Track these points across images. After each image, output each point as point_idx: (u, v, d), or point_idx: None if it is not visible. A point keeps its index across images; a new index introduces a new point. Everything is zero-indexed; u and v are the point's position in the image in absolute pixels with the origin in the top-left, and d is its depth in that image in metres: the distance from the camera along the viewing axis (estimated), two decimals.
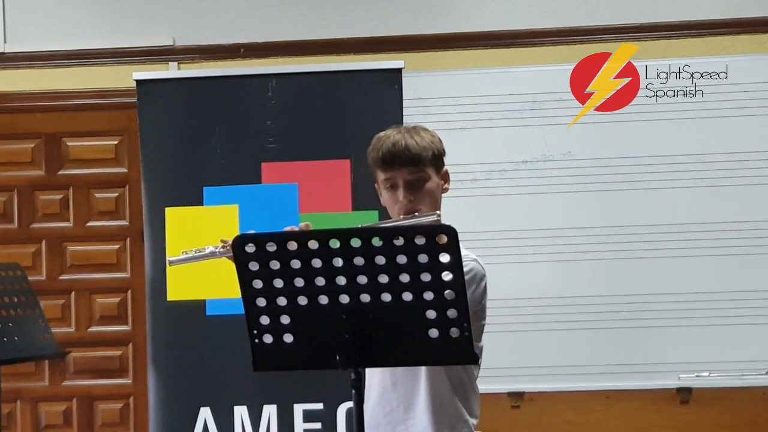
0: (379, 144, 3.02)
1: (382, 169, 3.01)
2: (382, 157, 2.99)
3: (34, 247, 5.75)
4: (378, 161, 3.01)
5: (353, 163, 4.69)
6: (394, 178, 2.99)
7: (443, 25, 5.48)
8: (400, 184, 2.98)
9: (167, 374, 4.74)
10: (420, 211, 2.97)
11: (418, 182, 2.99)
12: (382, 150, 2.99)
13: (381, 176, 3.03)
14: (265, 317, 2.53)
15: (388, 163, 2.99)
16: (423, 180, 3.00)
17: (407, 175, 2.98)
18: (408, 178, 2.98)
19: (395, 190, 2.99)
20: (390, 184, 3.00)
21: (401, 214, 2.98)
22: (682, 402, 5.23)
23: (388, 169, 2.99)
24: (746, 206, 5.13)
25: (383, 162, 2.99)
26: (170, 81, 4.99)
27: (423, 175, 3.00)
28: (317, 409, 4.64)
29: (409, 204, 2.97)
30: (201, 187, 4.75)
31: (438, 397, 2.97)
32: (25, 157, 5.76)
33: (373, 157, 3.03)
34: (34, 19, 5.63)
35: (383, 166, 3.00)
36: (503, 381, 5.10)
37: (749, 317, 5.10)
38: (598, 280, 5.15)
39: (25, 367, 5.57)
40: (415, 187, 2.99)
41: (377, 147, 3.02)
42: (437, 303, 2.46)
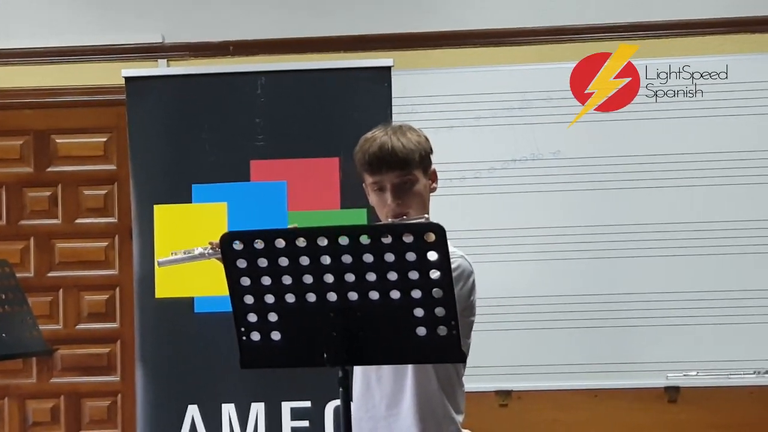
0: (366, 146, 3.00)
1: (369, 172, 3.00)
2: (368, 160, 2.98)
3: (23, 244, 5.74)
4: (365, 164, 3.00)
5: (342, 161, 4.69)
6: (381, 181, 2.98)
7: (432, 24, 5.48)
8: (388, 187, 2.97)
9: (155, 372, 4.74)
10: (408, 215, 2.97)
11: (405, 185, 2.98)
12: (368, 153, 2.98)
13: (368, 179, 3.02)
14: (252, 315, 2.54)
15: (375, 167, 2.98)
16: (411, 183, 2.99)
17: (395, 178, 2.97)
18: (395, 181, 2.97)
19: (383, 193, 2.99)
20: (378, 187, 3.00)
21: (390, 217, 2.98)
22: (670, 401, 5.23)
23: (376, 173, 2.98)
24: (736, 206, 5.13)
25: (370, 165, 2.98)
26: (159, 78, 4.99)
27: (411, 177, 2.99)
28: (305, 406, 4.64)
29: (398, 207, 2.97)
30: (190, 184, 4.75)
31: (424, 395, 2.96)
32: (14, 154, 5.75)
33: (359, 159, 3.02)
34: (23, 16, 5.61)
35: (370, 169, 2.99)
36: (491, 379, 5.10)
37: (737, 317, 5.10)
38: (587, 278, 5.15)
39: (13, 364, 5.56)
40: (403, 190, 2.98)
41: (364, 149, 3.00)
42: (425, 301, 2.46)
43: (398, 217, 2.96)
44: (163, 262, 3.17)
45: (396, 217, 2.97)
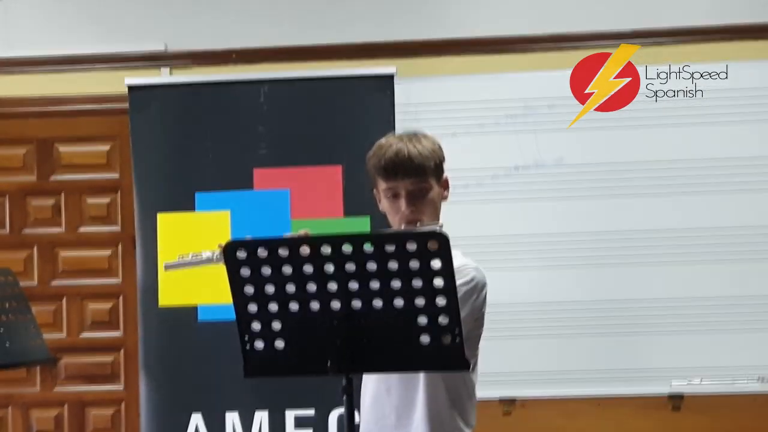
0: (381, 152, 2.99)
1: (383, 177, 2.99)
2: (384, 165, 2.97)
3: (26, 253, 5.74)
4: (380, 170, 2.98)
5: (345, 169, 4.69)
6: (396, 188, 2.97)
7: (435, 32, 5.48)
8: (402, 194, 2.97)
9: (159, 380, 4.74)
10: (422, 222, 2.96)
11: (420, 192, 2.98)
12: (384, 158, 2.97)
13: (382, 185, 3.00)
14: (256, 323, 2.53)
15: (391, 173, 2.96)
16: (425, 190, 2.98)
17: (410, 185, 2.96)
18: (410, 188, 2.97)
19: (397, 200, 2.98)
20: (392, 194, 2.99)
21: (403, 224, 2.97)
22: (674, 408, 5.22)
23: (390, 179, 2.97)
24: (739, 212, 5.12)
25: (385, 171, 2.97)
26: (162, 87, 5.00)
27: (425, 185, 2.98)
28: (309, 415, 4.64)
29: (411, 214, 2.96)
30: (193, 192, 4.76)
31: (435, 407, 2.95)
32: (17, 163, 5.75)
33: (374, 164, 3.00)
34: (26, 25, 5.62)
35: (385, 175, 2.98)
36: (495, 387, 5.09)
37: (741, 323, 5.10)
38: (590, 286, 5.15)
39: (17, 372, 5.55)
40: (417, 197, 2.97)
41: (379, 155, 2.99)
42: (429, 309, 2.46)
43: (412, 223, 2.96)
44: (170, 265, 3.18)
45: (409, 224, 2.96)
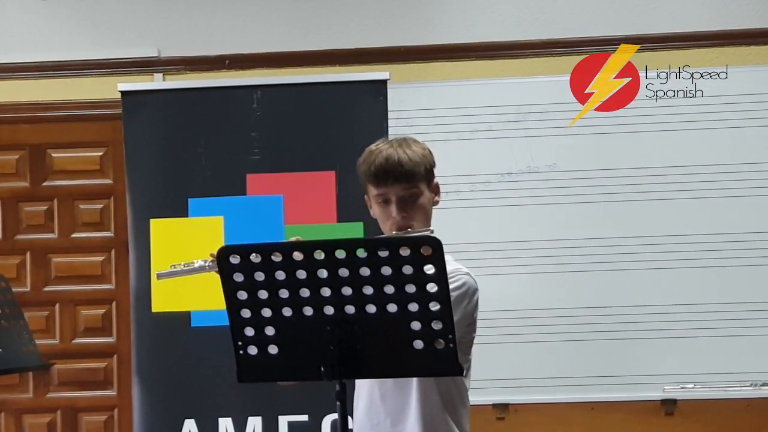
0: (371, 158, 2.99)
1: (374, 184, 2.98)
2: (374, 172, 2.96)
3: (19, 259, 5.73)
4: (370, 176, 2.98)
5: (338, 174, 4.69)
6: (386, 194, 2.97)
7: (428, 37, 5.48)
8: (393, 200, 2.97)
9: (152, 386, 4.73)
10: (413, 227, 2.97)
11: (410, 198, 2.98)
12: (374, 165, 2.97)
13: (373, 191, 3.00)
14: (249, 329, 2.53)
15: (381, 179, 2.96)
16: (416, 196, 2.98)
17: (400, 191, 2.96)
18: (401, 194, 2.97)
19: (388, 206, 2.98)
20: (382, 200, 2.99)
21: (394, 230, 2.97)
22: (667, 414, 5.23)
23: (381, 185, 2.97)
24: (729, 218, 5.13)
25: (376, 177, 2.97)
26: (155, 92, 4.98)
27: (416, 190, 2.98)
28: (302, 420, 4.64)
29: (402, 220, 2.96)
30: (186, 198, 4.75)
31: (429, 412, 2.95)
32: (10, 169, 5.74)
33: (364, 170, 3.00)
34: (19, 30, 5.62)
35: (375, 181, 2.98)
36: (488, 392, 5.09)
37: (734, 329, 5.10)
38: (583, 291, 5.15)
39: (9, 378, 5.54)
40: (408, 203, 2.97)
41: (369, 161, 2.99)
42: (422, 314, 2.46)
43: (402, 229, 2.96)
44: (162, 274, 3.16)
45: (400, 230, 2.96)
